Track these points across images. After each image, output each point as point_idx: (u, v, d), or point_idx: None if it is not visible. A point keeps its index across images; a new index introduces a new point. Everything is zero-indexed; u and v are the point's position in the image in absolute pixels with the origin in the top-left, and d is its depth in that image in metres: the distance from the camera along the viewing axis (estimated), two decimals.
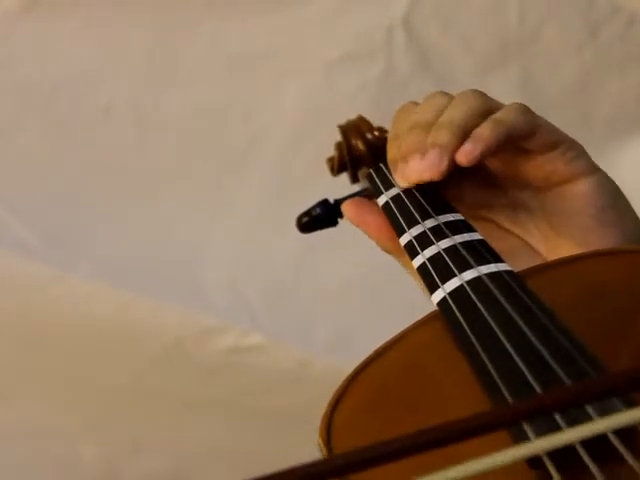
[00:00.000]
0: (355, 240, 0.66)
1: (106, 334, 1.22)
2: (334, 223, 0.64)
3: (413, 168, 0.53)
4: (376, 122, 0.68)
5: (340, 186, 0.69)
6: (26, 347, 1.25)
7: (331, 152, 0.69)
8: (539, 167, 0.56)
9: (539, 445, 0.34)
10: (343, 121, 0.69)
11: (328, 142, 0.70)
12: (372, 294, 1.23)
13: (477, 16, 1.22)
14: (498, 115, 0.54)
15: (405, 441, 0.30)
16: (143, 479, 1.30)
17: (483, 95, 0.57)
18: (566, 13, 1.21)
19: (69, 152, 1.28)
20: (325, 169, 0.69)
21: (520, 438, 0.36)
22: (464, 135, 0.53)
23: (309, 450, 0.41)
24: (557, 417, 0.36)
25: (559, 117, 0.56)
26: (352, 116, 0.70)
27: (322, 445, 0.40)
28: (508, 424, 0.35)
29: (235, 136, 1.28)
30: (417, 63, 1.23)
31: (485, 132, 0.53)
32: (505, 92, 1.22)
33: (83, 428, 1.27)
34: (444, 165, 0.52)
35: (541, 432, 0.35)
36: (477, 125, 0.54)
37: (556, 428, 0.35)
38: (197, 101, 1.27)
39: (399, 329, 0.47)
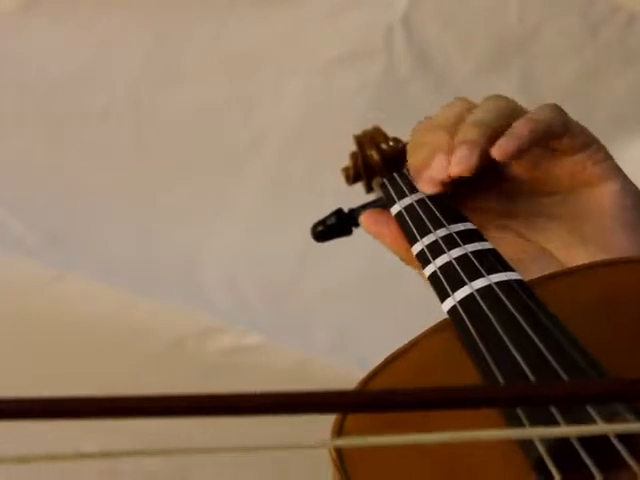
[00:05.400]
0: (355, 240, 0.66)
1: (106, 334, 1.22)
2: (349, 232, 0.65)
3: (438, 167, 0.53)
4: (376, 121, 0.69)
5: (340, 186, 0.69)
6: (26, 347, 1.25)
7: (331, 151, 0.69)
8: (568, 168, 0.56)
9: (531, 431, 0.34)
10: (343, 121, 0.70)
11: (328, 142, 0.70)
12: (372, 294, 1.23)
13: (477, 16, 1.22)
14: (532, 114, 0.54)
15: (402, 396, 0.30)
16: (143, 479, 1.30)
17: (508, 99, 0.57)
18: (566, 13, 1.21)
19: (69, 152, 1.28)
20: (325, 168, 0.70)
21: (513, 422, 0.37)
22: (493, 133, 0.53)
23: (309, 450, 0.41)
24: (557, 414, 0.36)
25: None
26: (351, 115, 0.70)
27: (332, 450, 0.40)
28: (503, 403, 0.35)
29: (235, 136, 1.28)
30: (417, 63, 1.23)
31: (521, 128, 0.53)
32: (505, 92, 1.21)
33: (83, 428, 1.27)
34: (474, 159, 0.52)
35: (536, 422, 0.36)
36: (506, 125, 0.54)
37: (552, 421, 0.36)
38: (197, 101, 1.27)
39: (399, 329, 0.47)
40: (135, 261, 1.25)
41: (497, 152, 0.52)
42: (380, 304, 1.21)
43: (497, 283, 0.46)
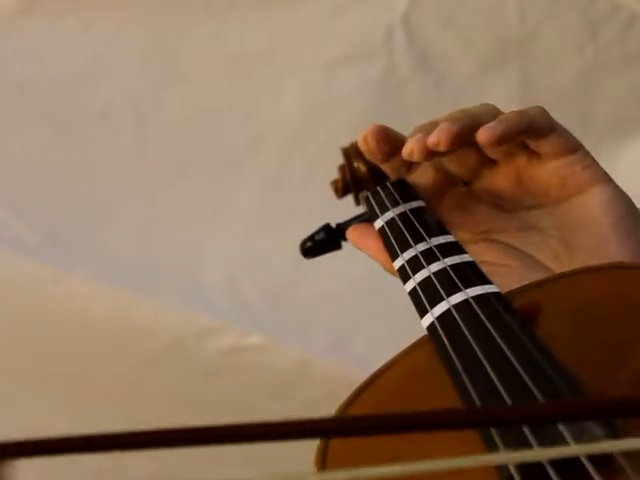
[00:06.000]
0: None
1: (106, 334, 1.22)
2: (338, 246, 0.65)
3: (416, 138, 0.53)
4: (375, 122, 0.68)
5: None
6: (26, 347, 1.25)
7: (331, 151, 0.69)
8: (556, 172, 0.55)
9: (506, 456, 0.34)
10: (343, 121, 0.70)
11: (327, 142, 0.70)
12: (372, 294, 1.23)
13: (477, 16, 1.22)
14: (519, 110, 0.54)
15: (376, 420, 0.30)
16: (143, 479, 1.30)
17: (496, 106, 0.56)
18: (566, 13, 1.21)
19: (69, 152, 1.28)
20: (325, 169, 0.69)
21: (488, 441, 0.37)
22: (475, 123, 0.53)
23: (308, 450, 0.41)
24: (529, 435, 0.36)
25: (558, 117, 0.56)
26: (351, 116, 0.70)
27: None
28: (478, 425, 0.35)
29: (235, 136, 1.28)
30: (417, 63, 1.23)
31: (508, 116, 0.53)
32: (505, 92, 1.22)
33: (83, 428, 1.27)
34: (454, 129, 0.51)
35: (511, 445, 0.36)
36: (492, 117, 0.53)
37: (527, 444, 0.36)
38: (197, 101, 1.27)
39: (398, 330, 0.47)
40: (135, 261, 1.25)
41: (482, 134, 0.52)
42: (379, 305, 1.21)
43: (474, 297, 0.46)
